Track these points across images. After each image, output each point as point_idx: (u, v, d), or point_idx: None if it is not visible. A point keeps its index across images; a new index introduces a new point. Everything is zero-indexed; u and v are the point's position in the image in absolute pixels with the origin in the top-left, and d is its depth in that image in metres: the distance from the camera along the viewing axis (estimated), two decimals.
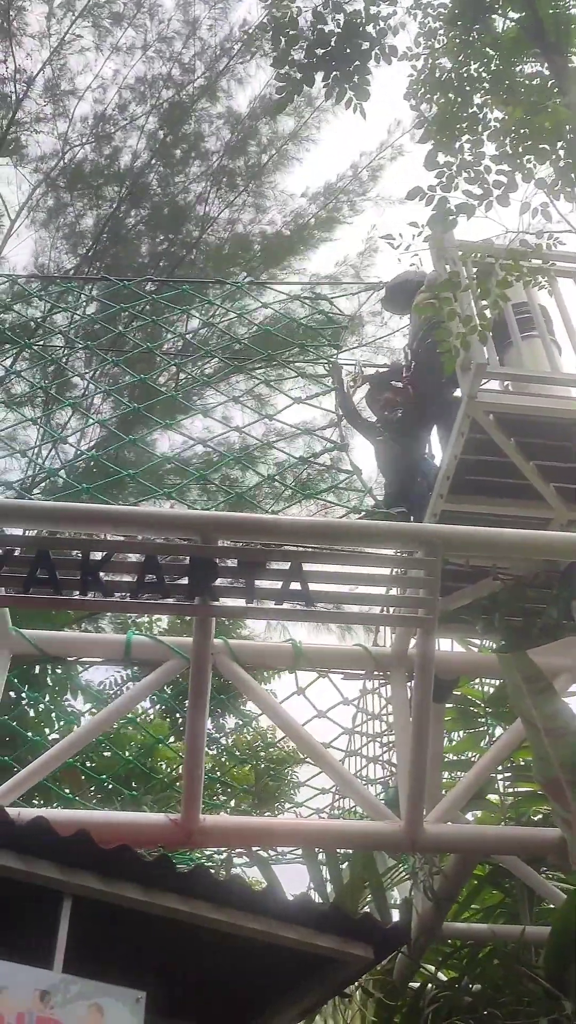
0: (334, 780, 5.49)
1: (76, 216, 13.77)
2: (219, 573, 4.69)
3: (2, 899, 3.59)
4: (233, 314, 8.69)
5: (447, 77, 6.46)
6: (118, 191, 13.71)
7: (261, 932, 3.93)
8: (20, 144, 13.83)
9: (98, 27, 13.82)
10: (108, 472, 6.90)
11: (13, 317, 9.36)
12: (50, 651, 5.63)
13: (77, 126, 13.85)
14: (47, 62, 13.74)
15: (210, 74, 13.72)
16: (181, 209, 13.75)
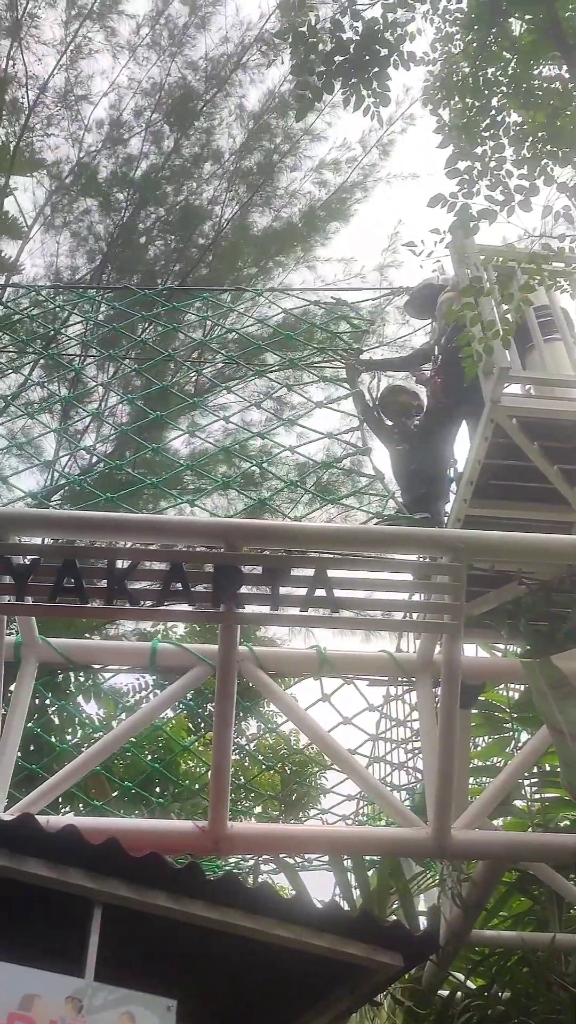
0: (361, 787, 5.48)
1: (91, 222, 13.84)
2: (244, 580, 4.70)
3: (34, 907, 3.61)
4: (250, 319, 8.74)
5: (464, 81, 6.47)
6: (131, 194, 13.75)
7: (290, 940, 3.93)
8: (34, 151, 13.92)
9: (105, 28, 13.84)
10: (126, 478, 6.93)
11: (32, 326, 9.44)
12: (76, 659, 5.65)
13: (91, 131, 13.92)
14: (59, 67, 13.81)
15: (222, 74, 13.71)
16: (195, 210, 13.76)
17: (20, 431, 12.04)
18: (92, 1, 13.57)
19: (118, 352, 8.39)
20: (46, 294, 9.25)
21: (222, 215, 13.74)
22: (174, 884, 3.72)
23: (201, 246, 13.65)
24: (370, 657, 5.99)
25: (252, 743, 10.42)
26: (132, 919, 3.68)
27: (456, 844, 4.94)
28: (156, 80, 13.81)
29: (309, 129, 13.61)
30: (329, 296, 8.80)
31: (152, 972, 3.70)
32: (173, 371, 10.07)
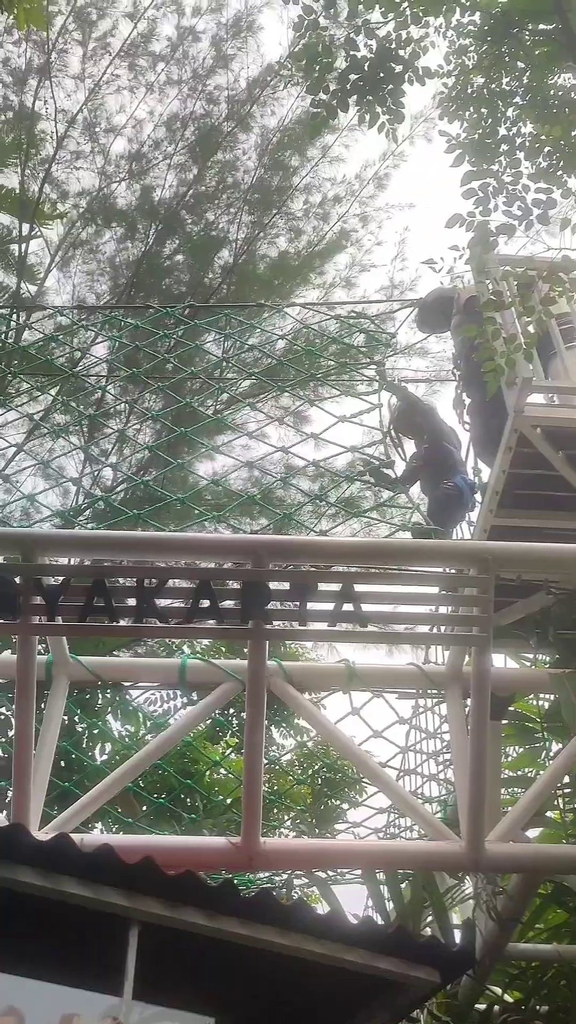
0: (393, 800, 5.47)
1: (112, 252, 14.07)
2: (272, 596, 4.72)
3: (71, 926, 3.64)
4: (269, 337, 8.78)
5: (479, 93, 6.50)
6: (152, 224, 13.95)
7: (325, 956, 3.92)
8: (59, 182, 14.20)
9: (134, 68, 14.14)
10: (151, 498, 6.98)
11: (57, 348, 9.56)
12: (106, 677, 5.70)
13: (113, 164, 14.16)
14: (85, 101, 14.08)
15: (240, 104, 13.93)
16: (213, 239, 13.96)
17: (46, 452, 12.21)
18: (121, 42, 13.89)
19: (141, 372, 8.47)
20: (69, 316, 9.36)
21: (238, 241, 13.92)
22: (209, 902, 3.74)
23: (221, 270, 13.82)
24: (399, 670, 6.00)
25: (283, 757, 10.43)
26: (169, 937, 3.70)
27: (491, 857, 4.92)
28: (177, 113, 14.06)
29: (326, 152, 13.82)
30: (350, 310, 8.85)
31: (190, 990, 3.71)
32: (196, 390, 10.17)
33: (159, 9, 13.99)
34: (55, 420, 11.31)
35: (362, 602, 4.77)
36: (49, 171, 13.84)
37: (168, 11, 14.06)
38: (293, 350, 8.84)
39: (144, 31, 14.13)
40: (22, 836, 3.51)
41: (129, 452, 12.26)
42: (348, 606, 4.76)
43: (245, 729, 4.97)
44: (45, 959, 3.45)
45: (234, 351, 8.01)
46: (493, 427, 5.94)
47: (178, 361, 9.15)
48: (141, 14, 13.93)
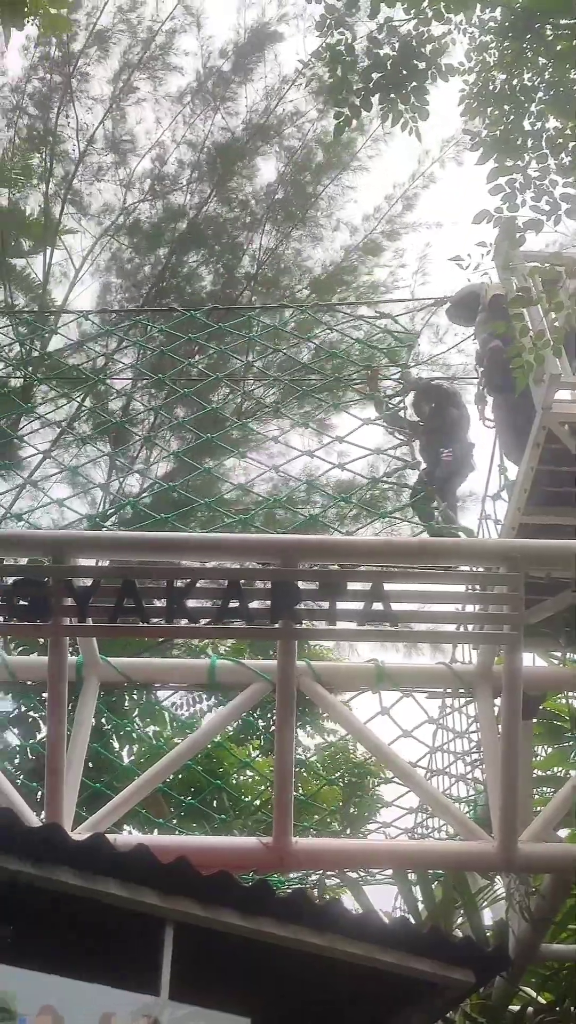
0: (425, 800, 5.45)
1: (136, 263, 14.17)
2: (301, 596, 4.72)
3: (107, 926, 3.65)
4: (295, 340, 8.77)
5: (501, 89, 6.47)
6: (175, 236, 14.04)
7: (360, 956, 3.92)
8: (83, 197, 14.35)
9: (153, 79, 14.25)
10: (177, 503, 6.99)
11: (84, 354, 9.62)
12: (136, 677, 5.73)
13: (136, 176, 14.29)
14: (107, 114, 14.20)
15: (263, 114, 14.01)
16: (235, 248, 14.05)
17: (72, 457, 12.31)
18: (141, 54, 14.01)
19: (167, 377, 8.51)
20: (93, 320, 9.40)
21: (260, 249, 14.00)
22: (244, 902, 3.74)
23: (244, 278, 13.89)
24: (428, 669, 5.98)
25: (311, 758, 10.41)
26: (204, 937, 3.71)
27: (523, 857, 4.88)
28: (200, 129, 14.16)
29: (351, 158, 13.87)
30: (374, 310, 8.84)
31: (225, 990, 3.71)
32: (222, 397, 10.19)
33: (175, 22, 14.13)
34: (80, 427, 11.38)
35: (391, 601, 4.77)
36: (71, 187, 13.99)
37: (186, 24, 14.20)
38: (317, 353, 8.84)
39: (162, 44, 14.26)
40: (59, 836, 3.53)
41: (155, 457, 12.33)
42: (377, 605, 4.76)
43: (275, 729, 4.97)
44: (82, 959, 3.47)
45: (257, 356, 8.02)
46: (519, 424, 5.90)
47: (203, 366, 9.19)
48: (159, 28, 14.07)
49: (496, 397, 6.45)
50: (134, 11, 14.24)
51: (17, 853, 3.39)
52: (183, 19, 14.19)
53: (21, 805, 5.16)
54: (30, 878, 3.40)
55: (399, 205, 14.15)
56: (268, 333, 8.72)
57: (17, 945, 3.40)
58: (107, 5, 13.95)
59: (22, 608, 4.74)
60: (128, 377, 9.37)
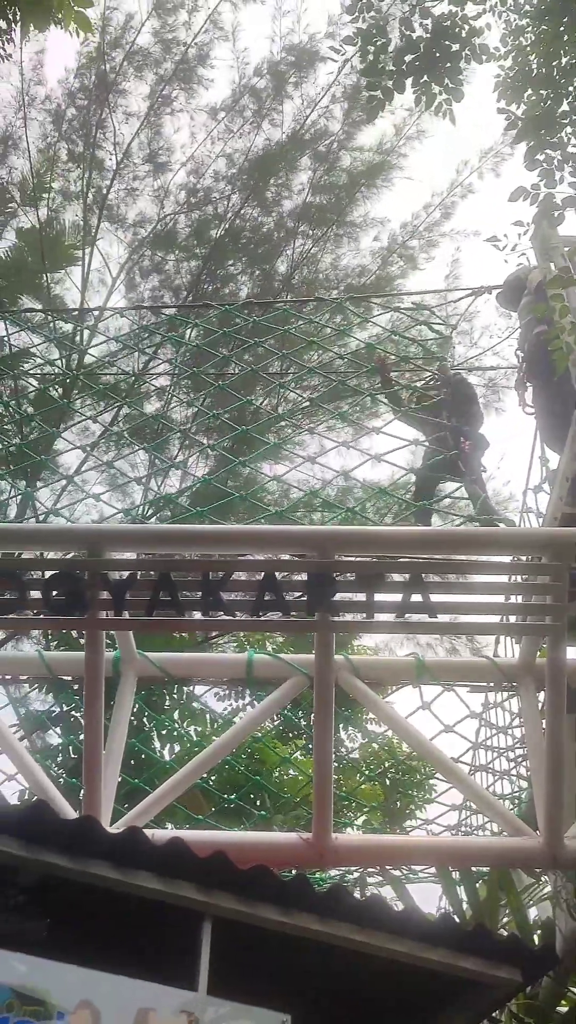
0: (467, 796, 5.34)
1: (173, 270, 14.25)
2: (338, 588, 4.65)
3: (145, 920, 3.61)
4: (332, 333, 8.69)
5: (538, 72, 6.34)
6: (212, 244, 14.08)
7: (402, 954, 3.83)
8: (117, 207, 14.48)
9: (187, 89, 14.32)
10: (215, 496, 6.94)
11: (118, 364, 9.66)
12: (174, 673, 5.68)
13: (172, 186, 14.38)
14: (143, 124, 14.31)
15: (297, 120, 14.01)
16: (271, 251, 14.06)
17: (111, 454, 12.37)
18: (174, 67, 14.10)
19: (202, 371, 8.47)
20: (130, 318, 9.41)
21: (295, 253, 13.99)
22: (283, 897, 3.68)
23: (281, 283, 13.88)
24: (469, 663, 5.87)
25: (352, 753, 10.33)
26: (243, 932, 3.65)
27: (570, 853, 4.76)
28: (238, 140, 14.20)
29: (382, 164, 13.82)
30: (410, 301, 8.72)
31: (265, 987, 3.65)
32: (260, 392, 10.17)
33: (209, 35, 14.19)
34: (120, 428, 11.44)
35: (431, 592, 4.67)
36: (106, 200, 14.12)
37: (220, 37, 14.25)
38: (350, 347, 8.75)
39: (197, 56, 14.32)
40: (95, 829, 3.49)
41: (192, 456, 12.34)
42: (416, 597, 4.66)
43: (314, 722, 4.90)
44: (120, 953, 3.42)
45: (292, 351, 7.94)
46: (559, 411, 5.77)
47: (242, 360, 9.13)
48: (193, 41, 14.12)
49: (537, 384, 6.31)
50: (171, 32, 14.37)
51: (51, 846, 3.36)
52: (217, 33, 14.27)
53: (61, 802, 5.16)
54: (65, 871, 3.37)
55: (436, 213, 14.11)
56: (303, 330, 8.66)
57: (54, 939, 3.37)
58: (144, 25, 14.13)
59: (58, 602, 4.73)
60: (166, 372, 9.36)
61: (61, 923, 3.45)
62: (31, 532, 4.97)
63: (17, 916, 3.33)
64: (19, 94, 14.20)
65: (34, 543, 4.89)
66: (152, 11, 14.21)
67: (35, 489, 9.74)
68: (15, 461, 10.46)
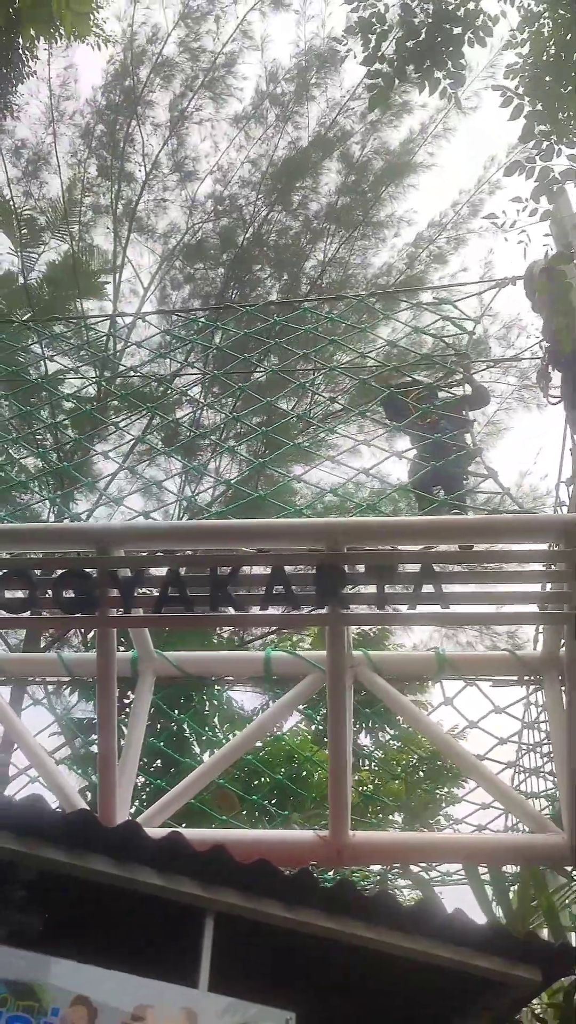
0: (490, 793, 5.20)
1: (202, 277, 14.35)
2: (347, 580, 4.57)
3: (145, 916, 3.57)
4: (355, 331, 8.60)
5: (556, 59, 6.22)
6: (237, 249, 14.15)
7: (415, 952, 3.73)
8: (147, 218, 14.65)
9: (217, 99, 14.44)
10: (236, 495, 6.91)
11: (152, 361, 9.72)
12: (191, 671, 5.65)
13: (200, 195, 14.50)
14: (171, 134, 14.46)
15: (322, 123, 14.03)
16: (299, 255, 14.07)
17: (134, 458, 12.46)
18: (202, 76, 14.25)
19: (222, 373, 8.47)
20: (153, 323, 9.46)
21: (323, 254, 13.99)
22: (287, 892, 3.60)
23: (309, 284, 13.89)
24: (491, 657, 5.73)
25: (377, 751, 10.19)
26: (246, 929, 3.58)
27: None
28: (263, 145, 14.27)
29: (407, 164, 13.76)
30: (432, 296, 8.62)
31: (269, 984, 3.58)
32: (288, 393, 10.14)
33: (236, 43, 14.29)
34: (153, 435, 11.53)
35: (443, 582, 4.57)
36: (136, 211, 14.27)
37: (246, 45, 14.35)
38: (374, 345, 8.66)
39: (224, 63, 14.42)
40: (92, 823, 3.46)
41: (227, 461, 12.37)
42: (428, 587, 4.56)
43: (329, 718, 4.82)
44: (119, 949, 3.38)
45: (315, 350, 7.89)
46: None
47: (266, 361, 9.12)
48: (221, 50, 14.24)
49: (565, 373, 6.17)
50: (197, 41, 14.51)
51: (49, 841, 3.33)
52: (243, 41, 14.37)
53: (79, 802, 5.15)
54: (62, 866, 3.34)
55: (465, 210, 13.98)
56: (327, 330, 8.60)
57: (52, 935, 3.34)
58: (170, 36, 14.29)
59: (69, 601, 4.73)
60: (196, 375, 9.37)
61: (59, 918, 3.43)
62: (40, 531, 4.99)
63: (13, 911, 3.31)
64: (48, 110, 14.47)
65: (43, 542, 4.90)
66: (178, 21, 14.36)
67: (56, 496, 9.80)
68: (52, 471, 10.60)
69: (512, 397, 11.90)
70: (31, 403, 11.26)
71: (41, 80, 13.86)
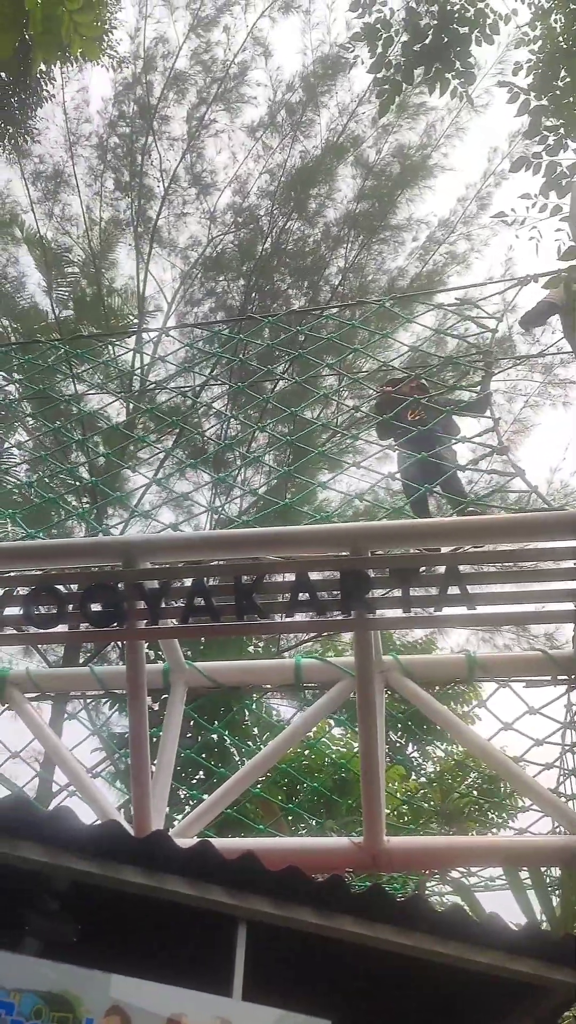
0: (528, 796, 5.14)
1: (223, 290, 14.47)
2: (372, 584, 4.55)
3: (178, 925, 3.58)
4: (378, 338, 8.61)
5: (568, 52, 6.20)
6: (257, 259, 14.23)
7: (450, 956, 3.68)
8: (168, 231, 14.82)
9: (229, 108, 14.57)
10: (280, 511, 6.94)
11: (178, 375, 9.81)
12: (223, 680, 5.66)
13: (218, 207, 14.61)
14: (187, 148, 14.61)
15: (333, 130, 14.07)
16: (318, 263, 14.12)
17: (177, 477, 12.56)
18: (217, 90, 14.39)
19: (255, 386, 8.50)
20: (176, 337, 9.53)
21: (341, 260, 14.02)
22: (319, 899, 3.58)
23: (330, 291, 13.93)
24: (524, 657, 5.66)
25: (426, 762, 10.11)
26: (279, 937, 3.57)
27: None
28: (279, 155, 14.37)
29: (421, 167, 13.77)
30: (453, 297, 8.59)
31: (304, 991, 3.57)
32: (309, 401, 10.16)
33: (246, 53, 14.41)
34: (181, 451, 11.64)
35: (471, 583, 4.54)
36: (156, 227, 14.43)
37: (256, 55, 14.46)
38: (399, 349, 8.66)
39: (236, 75, 14.54)
40: (121, 834, 3.48)
41: (256, 473, 12.44)
42: (454, 589, 4.54)
43: (359, 723, 4.79)
44: (152, 958, 3.40)
45: (337, 357, 7.89)
46: None
47: (293, 372, 9.13)
48: (231, 61, 14.36)
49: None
50: (208, 52, 14.64)
51: (78, 851, 3.35)
52: (253, 51, 14.48)
53: (113, 814, 5.19)
54: (92, 877, 3.35)
55: (474, 206, 13.93)
56: (348, 337, 8.62)
57: (83, 944, 3.36)
58: (181, 48, 14.44)
59: (97, 614, 4.77)
60: (219, 383, 9.42)
61: (92, 929, 3.45)
62: (67, 546, 5.05)
63: (46, 922, 3.34)
64: (66, 133, 14.68)
65: (70, 557, 4.95)
66: (189, 33, 14.49)
67: (86, 511, 9.89)
68: (84, 486, 10.72)
69: (538, 394, 11.81)
70: (61, 421, 11.43)
71: (57, 104, 14.10)
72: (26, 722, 5.70)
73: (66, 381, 11.13)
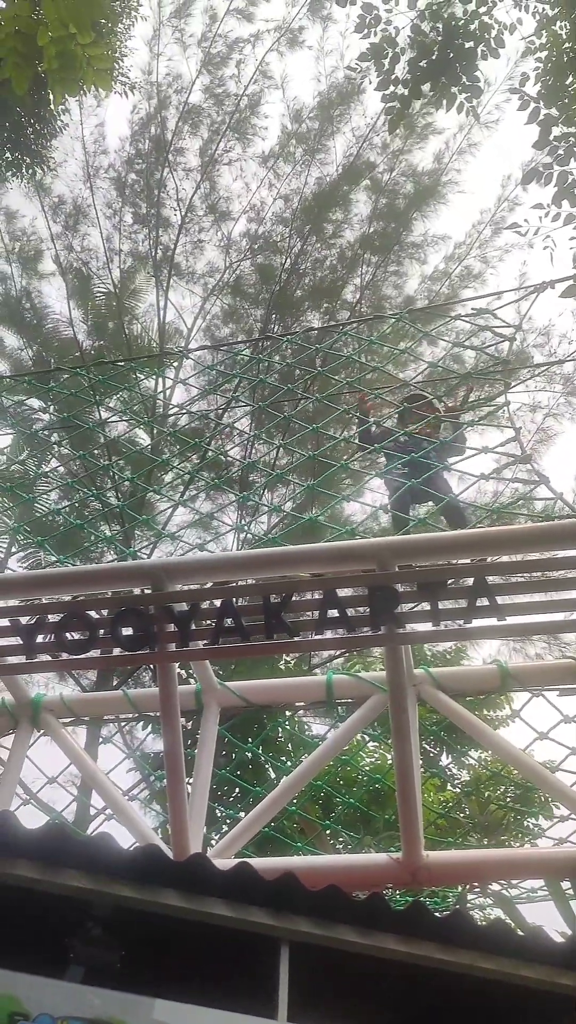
0: (565, 805, 5.09)
1: (243, 314, 14.61)
2: (400, 599, 4.55)
3: (220, 947, 3.57)
4: (395, 352, 8.61)
5: (572, 59, 6.23)
6: (276, 282, 14.35)
7: (496, 972, 3.66)
8: (186, 260, 15.01)
9: (243, 139, 14.77)
10: (306, 529, 6.95)
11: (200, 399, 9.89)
12: (254, 699, 5.68)
13: (235, 234, 14.80)
14: (202, 178, 14.80)
15: (347, 154, 14.19)
16: (335, 285, 14.23)
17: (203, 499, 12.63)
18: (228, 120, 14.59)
19: (276, 406, 8.53)
20: (194, 359, 9.61)
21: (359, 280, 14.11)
22: (360, 917, 3.58)
23: (348, 309, 14.02)
24: (555, 666, 5.62)
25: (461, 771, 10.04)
26: (323, 957, 3.56)
27: None
28: (294, 182, 14.52)
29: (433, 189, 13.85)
30: (470, 307, 8.58)
31: (349, 1012, 3.55)
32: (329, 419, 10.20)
33: (258, 85, 14.60)
34: (206, 474, 11.72)
35: (500, 594, 4.53)
36: (174, 258, 14.61)
37: (269, 86, 14.65)
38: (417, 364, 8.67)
39: (249, 105, 14.73)
40: (159, 858, 3.49)
41: (281, 493, 12.48)
42: (483, 601, 4.52)
43: (393, 738, 4.79)
44: (195, 982, 3.40)
45: (356, 373, 7.91)
46: None
47: (310, 388, 9.18)
48: (243, 92, 14.55)
49: None
50: (221, 87, 14.85)
51: (117, 876, 3.37)
52: (266, 82, 14.67)
53: (152, 837, 5.20)
54: (132, 901, 3.37)
55: (488, 230, 14.01)
56: (363, 349, 8.63)
57: (127, 969, 3.37)
58: (194, 84, 14.65)
59: (128, 638, 4.81)
60: (241, 404, 9.49)
61: (134, 954, 3.45)
62: (94, 572, 5.08)
63: (88, 949, 3.35)
64: (84, 166, 14.93)
65: (99, 583, 4.99)
66: (201, 69, 14.74)
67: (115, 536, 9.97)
68: (112, 510, 10.80)
69: (560, 403, 11.78)
70: (88, 447, 11.55)
71: (75, 139, 14.35)
72: (62, 747, 5.75)
73: (92, 408, 11.28)
